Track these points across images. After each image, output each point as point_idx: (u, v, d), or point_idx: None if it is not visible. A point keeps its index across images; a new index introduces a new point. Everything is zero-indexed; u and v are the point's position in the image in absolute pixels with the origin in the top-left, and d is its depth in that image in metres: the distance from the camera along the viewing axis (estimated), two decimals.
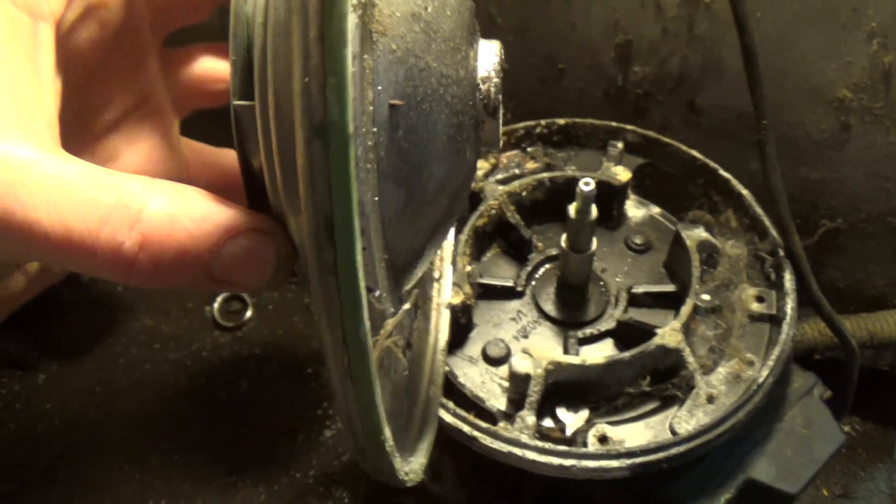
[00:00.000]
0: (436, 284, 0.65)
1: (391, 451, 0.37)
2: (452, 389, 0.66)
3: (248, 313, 1.09)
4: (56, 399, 1.08)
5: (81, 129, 0.51)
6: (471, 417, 0.61)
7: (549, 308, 0.72)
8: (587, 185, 0.61)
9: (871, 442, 1.05)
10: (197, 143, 0.63)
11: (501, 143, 0.46)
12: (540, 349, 0.63)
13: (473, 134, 0.42)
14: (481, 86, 0.41)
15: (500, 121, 0.43)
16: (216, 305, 1.09)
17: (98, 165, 0.37)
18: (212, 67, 0.60)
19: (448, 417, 0.61)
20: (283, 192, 0.34)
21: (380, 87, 0.35)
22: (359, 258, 0.29)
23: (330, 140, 0.27)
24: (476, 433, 0.60)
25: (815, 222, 0.88)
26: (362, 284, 0.29)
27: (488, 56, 0.42)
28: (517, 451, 0.59)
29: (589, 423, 0.63)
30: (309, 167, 0.28)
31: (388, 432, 0.36)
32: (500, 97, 0.42)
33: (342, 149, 0.27)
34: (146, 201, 0.35)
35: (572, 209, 0.64)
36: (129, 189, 0.35)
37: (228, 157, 0.61)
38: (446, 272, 0.66)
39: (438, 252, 0.66)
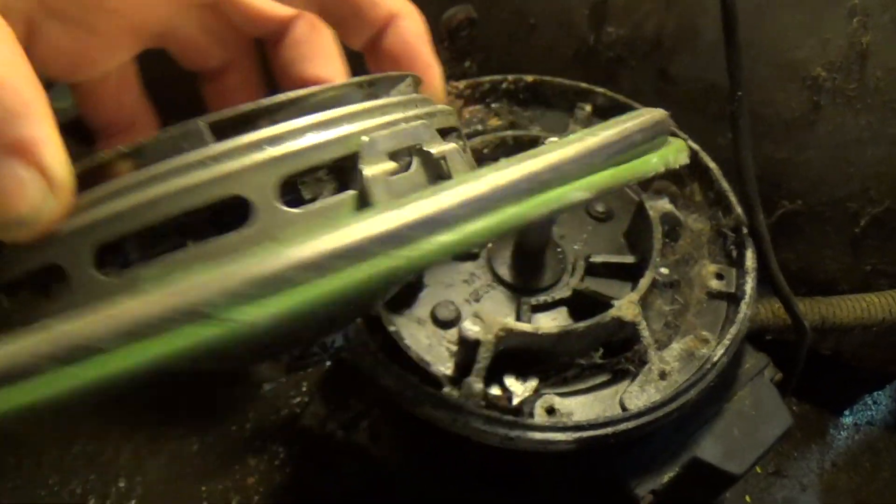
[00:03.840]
0: None
1: None
2: (397, 351, 0.63)
3: None
4: None
5: None
6: (415, 381, 0.58)
7: (504, 272, 0.69)
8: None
9: (807, 423, 1.07)
10: None
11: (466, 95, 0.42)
12: (492, 314, 0.60)
13: None
14: None
15: None
16: None
17: None
18: None
19: (391, 381, 0.58)
20: None
21: None
22: None
23: None
24: (420, 398, 0.57)
25: (775, 202, 0.87)
26: None
27: None
28: (461, 418, 0.56)
29: (537, 394, 0.61)
30: None
31: None
32: None
33: None
34: None
35: None
36: None
37: None
38: None
39: None
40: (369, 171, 0.29)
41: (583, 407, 0.61)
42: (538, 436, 0.56)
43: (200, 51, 0.44)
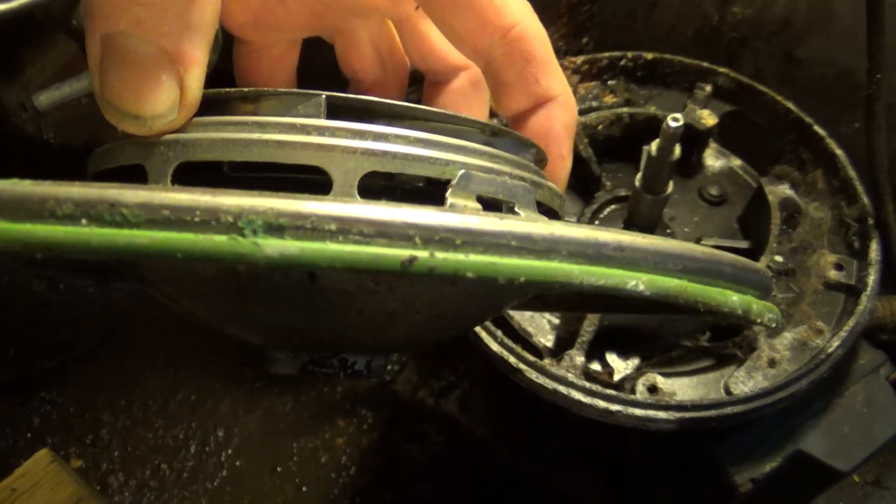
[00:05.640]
0: None
1: None
2: (500, 320, 0.63)
3: None
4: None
5: None
6: (518, 349, 0.58)
7: None
8: (675, 121, 0.57)
9: None
10: None
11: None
12: None
13: None
14: None
15: None
16: None
17: None
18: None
19: (494, 346, 0.59)
20: None
21: None
22: None
23: None
24: (522, 365, 0.58)
25: None
26: None
27: None
28: (563, 389, 0.56)
29: (639, 372, 0.60)
30: None
31: None
32: None
33: None
34: None
35: (654, 146, 0.60)
36: None
37: None
38: None
39: None
40: (454, 200, 0.28)
41: (686, 388, 0.60)
42: (639, 412, 0.55)
43: (362, 60, 0.44)
